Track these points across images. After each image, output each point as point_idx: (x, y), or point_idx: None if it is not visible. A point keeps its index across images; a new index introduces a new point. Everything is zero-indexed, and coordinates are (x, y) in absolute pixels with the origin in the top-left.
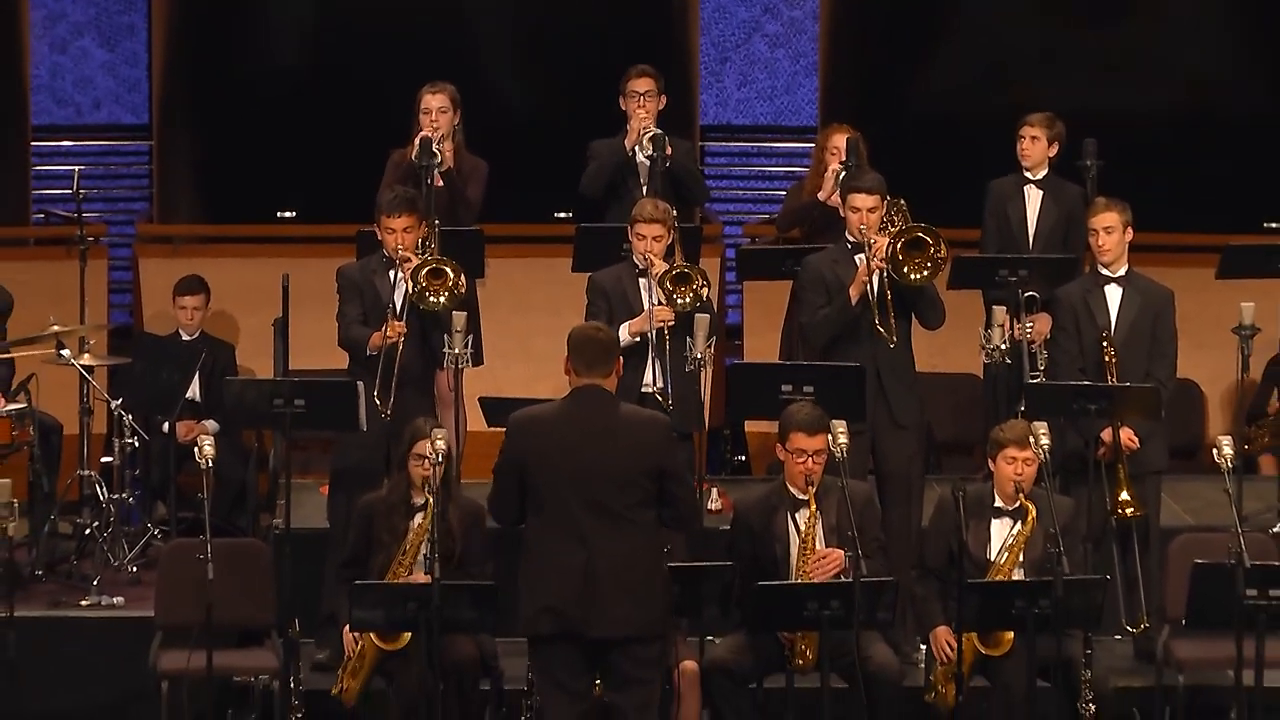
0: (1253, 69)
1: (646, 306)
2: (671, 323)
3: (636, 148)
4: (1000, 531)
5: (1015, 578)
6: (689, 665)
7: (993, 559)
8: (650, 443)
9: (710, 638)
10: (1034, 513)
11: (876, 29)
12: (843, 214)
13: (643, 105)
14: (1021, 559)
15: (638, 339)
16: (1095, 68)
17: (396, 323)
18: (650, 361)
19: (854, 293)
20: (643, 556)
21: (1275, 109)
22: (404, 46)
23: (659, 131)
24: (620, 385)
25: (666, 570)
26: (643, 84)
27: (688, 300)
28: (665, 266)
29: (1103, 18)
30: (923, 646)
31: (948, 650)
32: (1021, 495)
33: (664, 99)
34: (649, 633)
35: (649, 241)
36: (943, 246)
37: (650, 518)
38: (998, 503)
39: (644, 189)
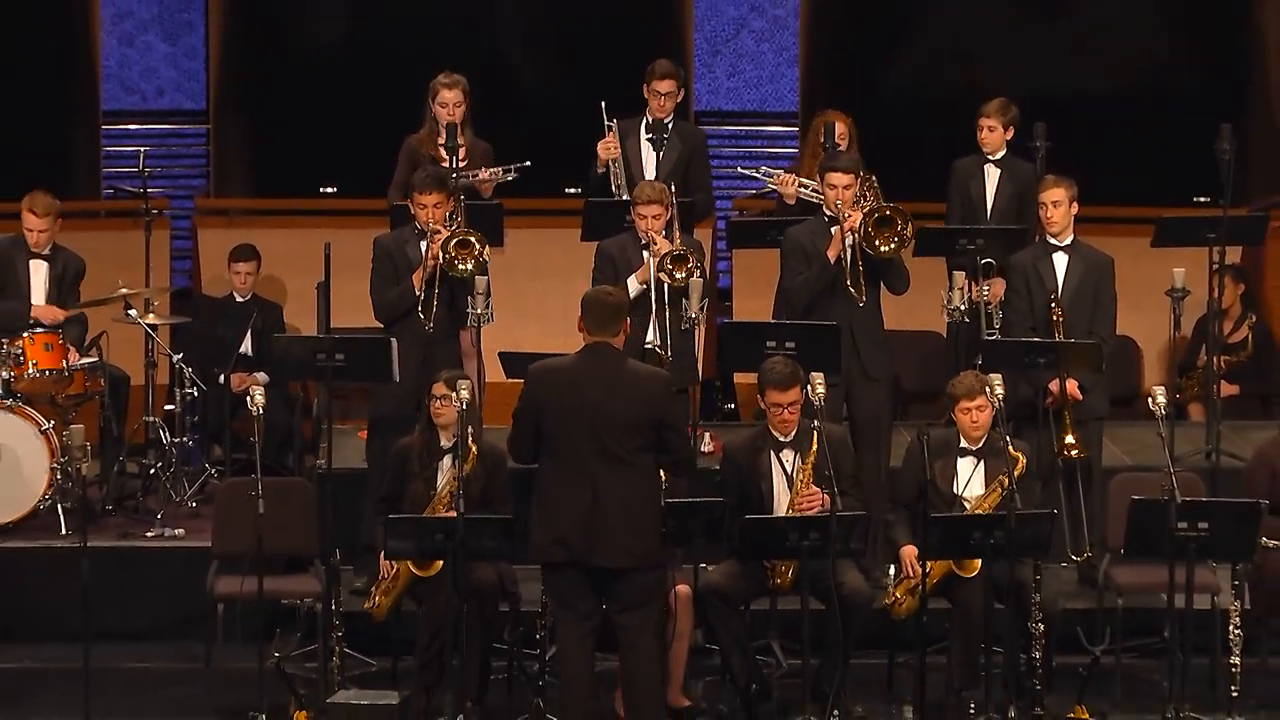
0: (1184, 57)
1: (646, 258)
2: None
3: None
4: (966, 469)
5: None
6: (683, 589)
7: (960, 494)
8: (651, 395)
9: (703, 565)
10: (1024, 461)
11: (850, 24)
12: (821, 190)
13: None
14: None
15: (645, 286)
16: (1044, 55)
17: (433, 245)
18: (651, 321)
19: (831, 253)
20: (641, 495)
21: (1203, 94)
22: (432, 39)
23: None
24: (626, 342)
25: (661, 507)
26: (665, 85)
27: (683, 276)
28: (665, 246)
29: (1050, 9)
30: (891, 570)
31: (914, 566)
32: (1009, 446)
33: (683, 92)
34: (645, 562)
35: (649, 220)
36: (909, 226)
37: (649, 461)
38: (963, 444)
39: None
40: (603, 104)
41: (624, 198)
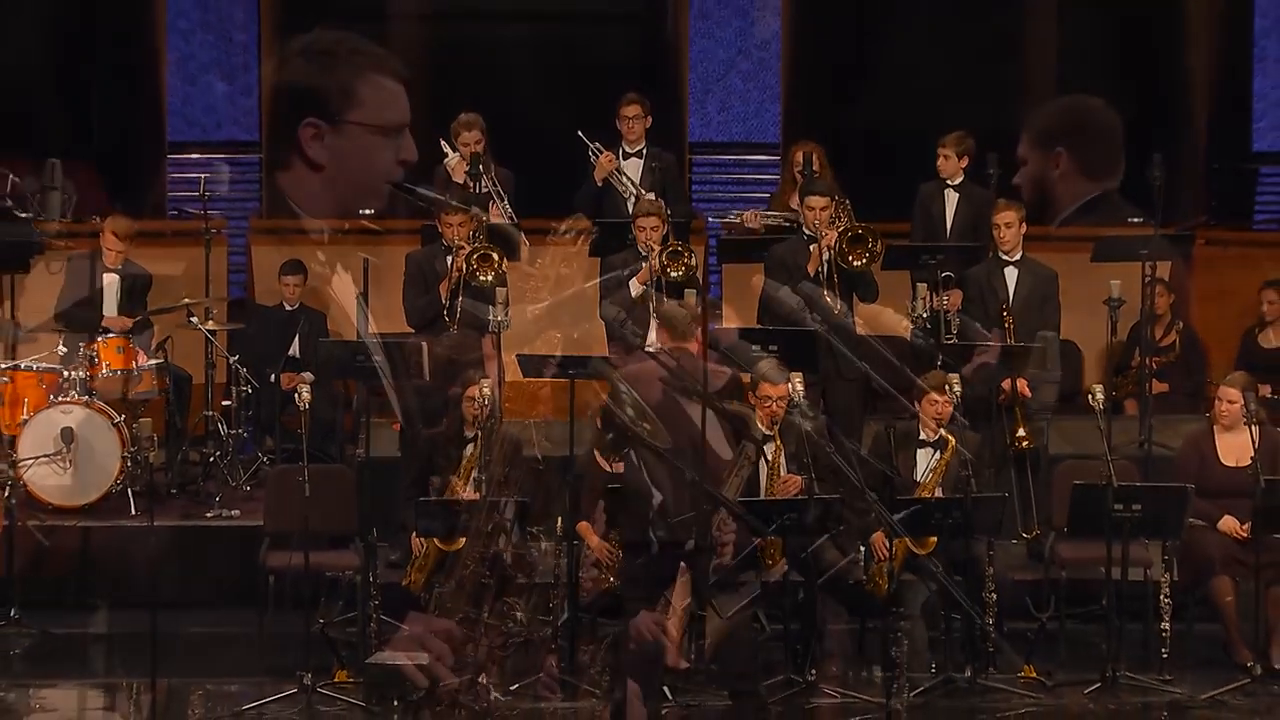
0: (1120, 94)
1: (645, 266)
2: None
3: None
4: (924, 458)
5: (936, 495)
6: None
7: (918, 479)
8: (726, 391)
9: None
10: (953, 443)
11: (825, 66)
12: (801, 212)
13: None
14: (941, 480)
15: (646, 288)
16: (996, 92)
17: (457, 259)
18: (653, 321)
19: (810, 268)
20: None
21: (1137, 126)
22: (456, 79)
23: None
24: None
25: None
26: (631, 109)
27: (680, 272)
28: (662, 248)
29: (1001, 54)
30: (862, 548)
31: (883, 549)
32: (942, 429)
33: (649, 119)
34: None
35: (648, 231)
36: (879, 244)
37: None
38: (922, 436)
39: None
40: (579, 132)
41: (630, 187)
